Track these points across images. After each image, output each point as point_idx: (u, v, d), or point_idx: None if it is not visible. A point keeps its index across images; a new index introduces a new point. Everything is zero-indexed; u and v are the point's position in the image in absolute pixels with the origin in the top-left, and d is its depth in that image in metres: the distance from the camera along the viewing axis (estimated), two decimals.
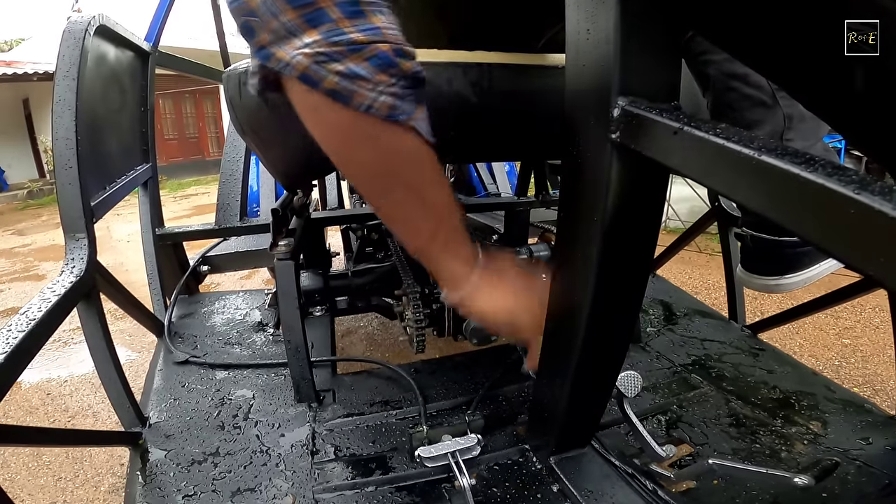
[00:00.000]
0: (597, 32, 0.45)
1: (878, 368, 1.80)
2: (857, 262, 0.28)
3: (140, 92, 1.24)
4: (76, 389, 1.93)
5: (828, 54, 0.36)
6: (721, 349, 1.09)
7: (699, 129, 0.37)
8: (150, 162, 1.28)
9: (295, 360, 0.90)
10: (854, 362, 1.85)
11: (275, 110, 0.68)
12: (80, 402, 1.85)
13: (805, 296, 1.07)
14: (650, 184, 0.50)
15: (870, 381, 1.73)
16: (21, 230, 5.54)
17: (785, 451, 0.78)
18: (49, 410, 1.82)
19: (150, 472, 0.75)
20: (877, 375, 1.76)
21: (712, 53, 0.75)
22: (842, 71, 0.36)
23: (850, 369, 1.81)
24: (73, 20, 0.87)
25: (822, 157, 0.29)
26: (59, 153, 0.80)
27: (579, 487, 0.66)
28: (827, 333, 2.05)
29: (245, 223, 1.40)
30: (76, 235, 0.80)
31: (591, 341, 0.58)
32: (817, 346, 1.96)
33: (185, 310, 1.31)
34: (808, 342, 1.99)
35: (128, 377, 0.83)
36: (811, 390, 0.92)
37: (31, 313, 0.64)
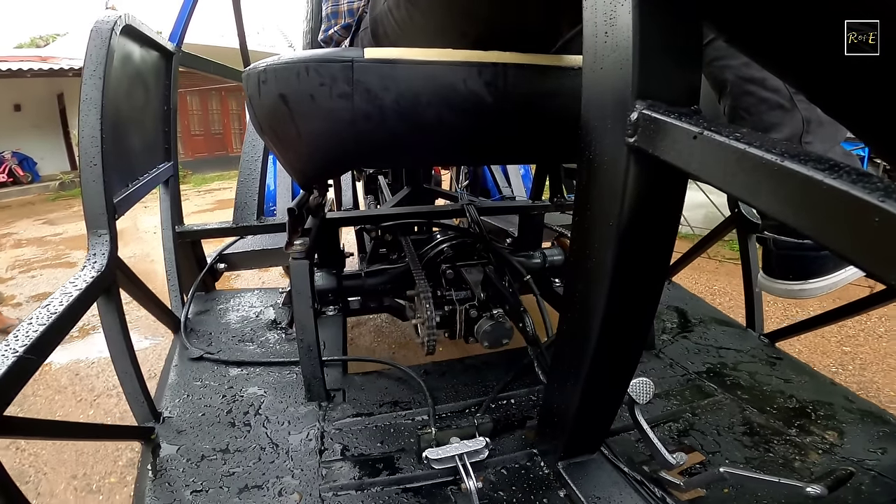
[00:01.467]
0: (615, 35, 0.44)
1: (876, 376, 1.76)
2: (882, 272, 0.27)
3: (163, 91, 1.27)
4: (102, 371, 1.99)
5: (846, 57, 0.35)
6: (737, 357, 1.07)
7: (719, 134, 0.36)
8: (172, 160, 1.31)
9: (307, 359, 0.90)
10: (851, 370, 1.82)
11: (293, 109, 0.69)
12: (106, 382, 1.91)
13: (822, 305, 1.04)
14: (668, 189, 0.49)
15: (864, 388, 1.69)
16: (52, 220, 5.69)
17: (799, 460, 0.76)
18: (76, 390, 1.87)
19: (161, 466, 0.76)
20: (872, 383, 1.73)
21: (729, 58, 0.74)
22: (859, 74, 0.35)
23: (846, 376, 1.78)
24: (101, 20, 0.89)
25: (845, 164, 0.28)
26: (84, 151, 0.81)
27: (587, 493, 0.66)
28: (828, 340, 2.01)
29: (262, 222, 1.42)
30: (98, 231, 0.82)
31: (603, 347, 0.57)
32: (816, 353, 1.92)
33: (202, 307, 1.33)
34: (808, 348, 1.95)
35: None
36: (829, 400, 0.90)
37: (52, 307, 0.66)
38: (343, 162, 0.90)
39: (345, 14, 0.99)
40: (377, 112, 0.69)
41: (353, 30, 0.96)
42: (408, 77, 0.69)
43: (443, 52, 0.71)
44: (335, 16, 1.00)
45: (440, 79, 0.71)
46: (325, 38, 1.05)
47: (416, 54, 0.69)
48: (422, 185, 1.83)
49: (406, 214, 1.41)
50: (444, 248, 1.14)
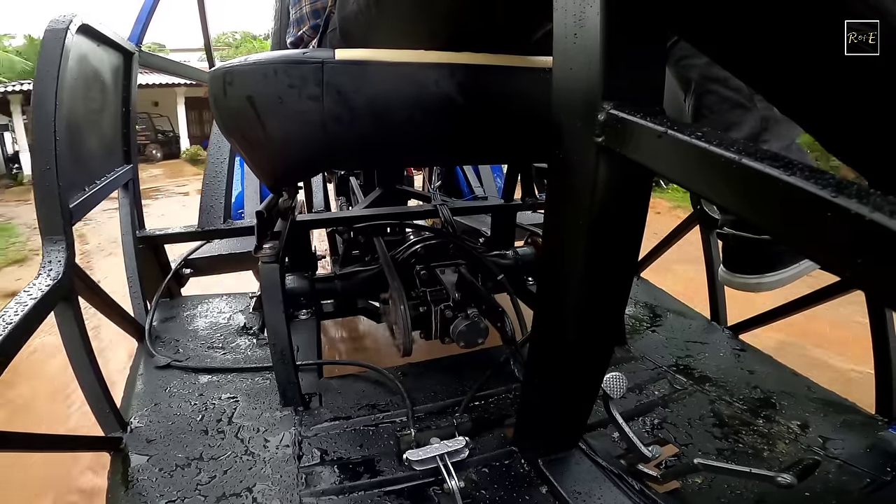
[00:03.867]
0: (583, 36, 0.45)
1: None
2: (835, 264, 0.28)
3: (122, 92, 1.22)
4: None
5: (801, 59, 0.37)
6: (703, 350, 1.11)
7: (682, 133, 0.37)
8: (132, 163, 1.26)
9: (280, 364, 0.89)
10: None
11: (260, 111, 0.67)
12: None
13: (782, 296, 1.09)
14: (635, 187, 0.50)
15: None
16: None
17: (767, 450, 0.79)
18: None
19: (132, 477, 0.73)
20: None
21: (694, 58, 0.77)
22: (814, 75, 0.37)
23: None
24: (55, 18, 0.85)
25: (800, 161, 0.30)
26: (37, 154, 0.78)
27: (567, 489, 0.67)
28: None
29: (229, 225, 1.38)
30: (54, 237, 0.78)
31: (577, 342, 0.59)
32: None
33: (167, 313, 1.29)
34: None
35: None
36: (792, 390, 0.94)
37: (7, 317, 0.62)
38: (313, 164, 0.89)
39: (309, 16, 0.98)
40: (348, 114, 0.69)
41: (322, 30, 0.95)
42: (379, 78, 0.69)
43: (414, 54, 0.71)
44: (301, 21, 0.99)
45: (412, 80, 0.70)
46: (295, 40, 1.03)
47: (387, 55, 0.69)
48: (394, 185, 1.82)
49: (378, 216, 1.40)
50: (418, 249, 1.13)
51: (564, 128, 0.52)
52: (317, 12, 0.97)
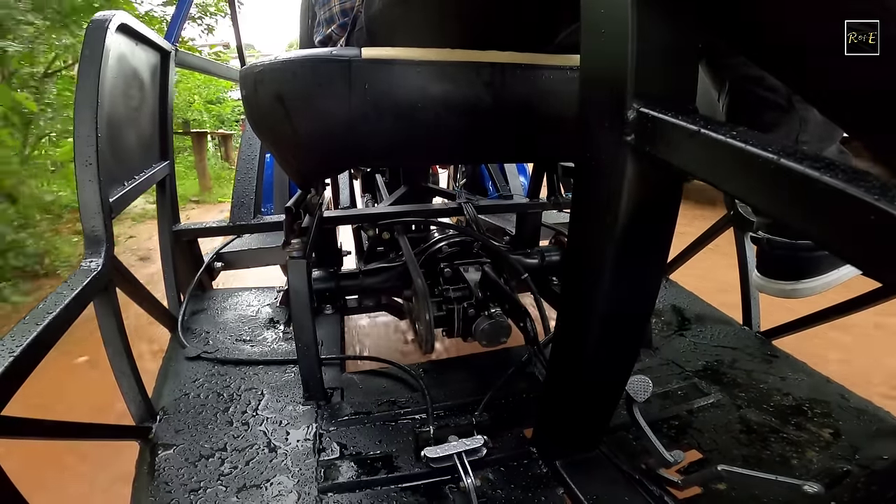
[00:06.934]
0: (612, 33, 0.45)
1: None
2: (877, 270, 0.27)
3: (159, 90, 1.26)
4: None
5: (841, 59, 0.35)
6: (734, 355, 1.08)
7: (717, 132, 0.36)
8: (168, 160, 1.30)
9: (304, 358, 0.90)
10: None
11: (290, 109, 0.68)
12: None
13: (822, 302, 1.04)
14: (665, 187, 0.49)
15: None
16: None
17: (795, 458, 0.76)
18: None
19: (158, 465, 0.76)
20: None
21: (728, 57, 0.75)
22: (854, 75, 0.35)
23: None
24: (97, 17, 0.88)
25: (842, 162, 0.28)
26: (79, 150, 0.81)
27: (585, 491, 0.66)
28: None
29: (259, 220, 1.41)
30: (94, 231, 0.82)
31: (601, 345, 0.58)
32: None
33: (199, 306, 1.33)
34: None
35: None
36: (824, 398, 0.90)
37: (48, 307, 0.66)
38: (340, 161, 0.90)
39: (338, 15, 0.99)
40: (374, 112, 0.69)
41: (349, 29, 0.96)
42: (405, 76, 0.69)
43: (440, 52, 0.71)
44: (330, 20, 1.00)
45: (437, 78, 0.70)
46: (323, 39, 1.05)
47: (413, 54, 0.69)
48: (419, 183, 1.83)
49: (403, 213, 1.40)
50: (442, 247, 1.14)
51: (592, 127, 0.51)
52: (346, 11, 0.98)
